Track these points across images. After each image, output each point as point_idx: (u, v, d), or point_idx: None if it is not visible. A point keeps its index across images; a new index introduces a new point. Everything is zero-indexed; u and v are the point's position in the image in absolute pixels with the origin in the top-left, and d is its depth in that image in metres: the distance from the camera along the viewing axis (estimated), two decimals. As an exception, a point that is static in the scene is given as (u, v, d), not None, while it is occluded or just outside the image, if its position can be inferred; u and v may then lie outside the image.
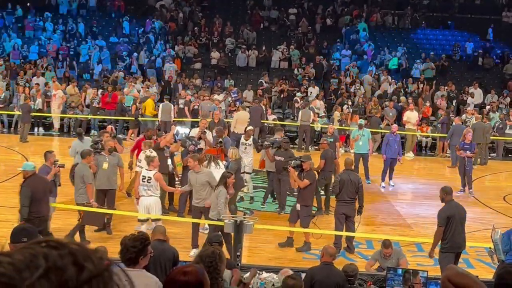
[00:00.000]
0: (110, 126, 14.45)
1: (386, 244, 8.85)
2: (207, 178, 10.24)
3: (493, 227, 8.65)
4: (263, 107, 21.41)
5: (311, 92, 23.90)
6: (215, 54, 27.17)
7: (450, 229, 8.89)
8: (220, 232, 8.63)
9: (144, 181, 10.26)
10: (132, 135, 20.98)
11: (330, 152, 13.16)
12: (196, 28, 29.40)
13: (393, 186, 15.96)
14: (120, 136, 21.40)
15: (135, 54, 26.80)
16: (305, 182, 10.65)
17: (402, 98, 23.83)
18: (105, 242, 9.69)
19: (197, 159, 10.31)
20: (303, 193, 10.80)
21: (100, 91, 23.09)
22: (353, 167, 11.80)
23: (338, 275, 7.16)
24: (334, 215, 10.90)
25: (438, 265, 10.39)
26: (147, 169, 10.34)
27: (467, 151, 15.35)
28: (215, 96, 22.45)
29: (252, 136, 14.47)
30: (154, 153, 11.06)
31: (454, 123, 19.24)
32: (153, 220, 10.08)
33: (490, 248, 8.56)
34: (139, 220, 10.50)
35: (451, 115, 21.29)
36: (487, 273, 9.05)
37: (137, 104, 21.58)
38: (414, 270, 7.39)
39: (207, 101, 21.44)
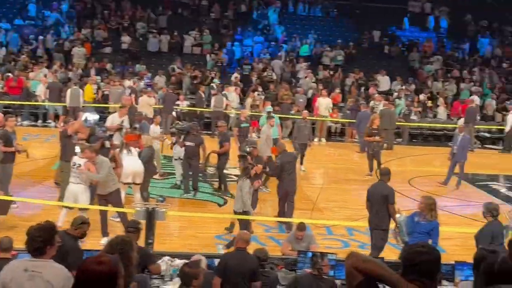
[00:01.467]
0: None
1: (301, 227, 9.06)
2: (97, 166, 10.08)
3: (398, 209, 9.00)
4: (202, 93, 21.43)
5: (236, 77, 23.92)
6: (125, 39, 26.61)
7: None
8: (135, 220, 8.41)
9: (73, 168, 10.14)
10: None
11: (228, 134, 14.00)
12: (105, 11, 28.68)
13: (304, 171, 16.25)
14: (26, 122, 20.78)
15: (42, 37, 25.84)
16: (260, 167, 11.20)
17: (313, 84, 24.30)
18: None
19: (94, 150, 10.16)
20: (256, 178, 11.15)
21: (6, 74, 22.15)
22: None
23: (251, 261, 7.23)
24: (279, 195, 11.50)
25: (347, 247, 10.76)
26: (80, 157, 10.14)
27: (375, 136, 15.92)
28: (126, 82, 22.02)
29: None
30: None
31: (361, 110, 19.82)
32: (80, 210, 9.86)
33: (394, 229, 8.91)
34: (64, 207, 10.24)
35: (360, 101, 21.87)
36: (392, 254, 9.40)
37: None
38: (322, 253, 7.57)
39: (117, 87, 21.04)
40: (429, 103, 24.28)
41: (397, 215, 8.63)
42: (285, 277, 7.77)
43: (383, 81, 25.32)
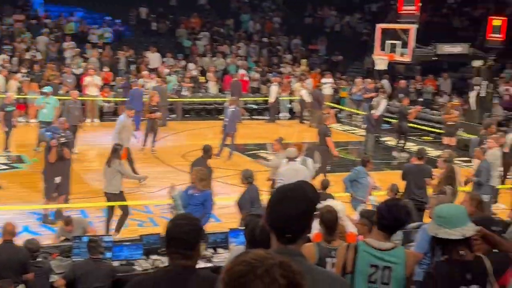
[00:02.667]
0: None
1: (67, 221, 8.69)
2: None
3: (172, 184, 9.12)
4: None
5: (4, 60, 22.15)
6: None
7: None
8: None
9: None
10: None
11: None
12: None
13: (77, 153, 15.73)
14: None
15: None
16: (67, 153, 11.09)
17: (82, 64, 23.51)
18: None
19: None
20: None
21: None
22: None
23: (21, 253, 6.88)
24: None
25: (124, 227, 10.68)
26: None
27: (156, 113, 16.14)
28: None
29: None
30: None
31: (132, 88, 19.67)
32: None
33: (169, 204, 9.03)
34: None
35: (131, 79, 21.65)
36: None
37: None
38: (99, 236, 7.43)
39: None
40: (201, 79, 24.92)
41: (171, 190, 8.74)
42: (61, 265, 7.47)
43: (153, 58, 25.36)
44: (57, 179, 10.82)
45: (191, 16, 29.66)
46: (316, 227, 5.29)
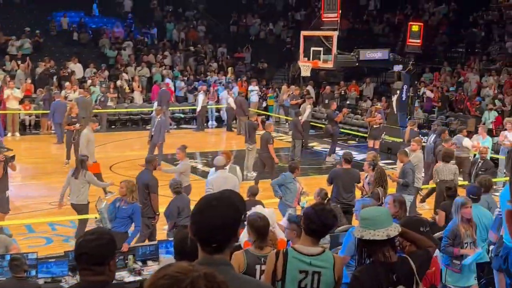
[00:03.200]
0: None
1: None
2: None
3: (99, 197, 8.93)
4: None
5: None
6: None
7: None
8: None
9: None
10: None
11: None
12: None
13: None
14: None
15: None
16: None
17: (0, 76, 22.72)
18: None
19: None
20: None
21: None
22: None
23: None
24: None
25: (50, 243, 10.39)
26: None
27: (76, 124, 15.89)
28: None
29: None
30: None
31: (55, 100, 19.16)
32: None
33: (95, 217, 8.84)
34: None
35: (54, 91, 21.09)
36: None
37: None
38: (22, 254, 7.18)
39: None
40: (127, 89, 24.55)
41: (98, 203, 8.56)
42: (-18, 286, 7.15)
43: (76, 69, 24.79)
44: (7, 193, 10.50)
45: (114, 25, 29.18)
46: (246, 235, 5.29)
